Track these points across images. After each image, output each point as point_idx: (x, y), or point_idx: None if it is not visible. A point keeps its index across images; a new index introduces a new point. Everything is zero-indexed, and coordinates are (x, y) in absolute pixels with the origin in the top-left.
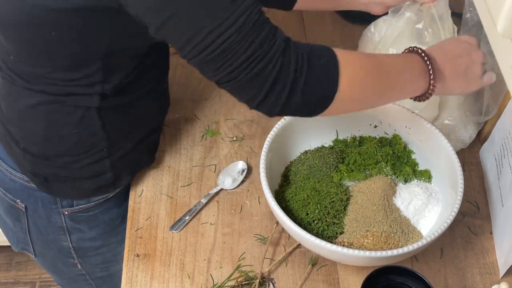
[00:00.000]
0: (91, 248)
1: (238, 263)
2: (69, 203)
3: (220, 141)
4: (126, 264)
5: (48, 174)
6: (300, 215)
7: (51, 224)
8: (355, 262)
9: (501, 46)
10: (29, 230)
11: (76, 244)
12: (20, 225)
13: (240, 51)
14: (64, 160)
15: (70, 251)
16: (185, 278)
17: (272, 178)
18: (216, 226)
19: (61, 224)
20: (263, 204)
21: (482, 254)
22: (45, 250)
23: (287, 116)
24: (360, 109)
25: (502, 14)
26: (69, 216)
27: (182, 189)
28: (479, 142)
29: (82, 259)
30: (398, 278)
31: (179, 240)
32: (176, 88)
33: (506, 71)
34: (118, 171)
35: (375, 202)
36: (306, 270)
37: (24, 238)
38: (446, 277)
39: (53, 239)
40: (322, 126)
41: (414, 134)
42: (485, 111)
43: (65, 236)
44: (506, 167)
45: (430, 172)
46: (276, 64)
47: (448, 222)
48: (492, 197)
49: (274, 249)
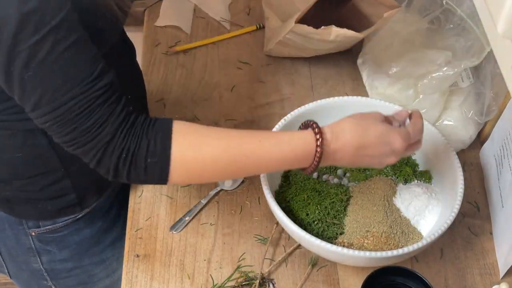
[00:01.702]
0: (64, 270)
1: (238, 263)
2: (35, 224)
3: None
4: (126, 265)
5: (9, 196)
6: (300, 216)
7: (20, 245)
8: (355, 263)
9: (501, 46)
10: (1, 251)
11: (48, 266)
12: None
13: (64, 133)
14: (20, 183)
15: (42, 273)
16: (185, 279)
17: (272, 179)
18: (216, 227)
19: (30, 245)
20: (263, 204)
21: (482, 254)
22: (19, 271)
23: (287, 117)
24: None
25: (502, 14)
26: (37, 237)
27: (182, 190)
28: (479, 142)
29: (56, 281)
30: (398, 279)
31: (179, 240)
32: (176, 89)
33: (506, 72)
34: (82, 191)
35: (375, 202)
36: (306, 271)
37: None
38: (446, 277)
39: (24, 261)
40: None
41: None
42: (486, 112)
43: (35, 258)
44: (506, 168)
45: (430, 173)
46: (95, 155)
47: (448, 222)
48: (492, 197)
49: (274, 249)
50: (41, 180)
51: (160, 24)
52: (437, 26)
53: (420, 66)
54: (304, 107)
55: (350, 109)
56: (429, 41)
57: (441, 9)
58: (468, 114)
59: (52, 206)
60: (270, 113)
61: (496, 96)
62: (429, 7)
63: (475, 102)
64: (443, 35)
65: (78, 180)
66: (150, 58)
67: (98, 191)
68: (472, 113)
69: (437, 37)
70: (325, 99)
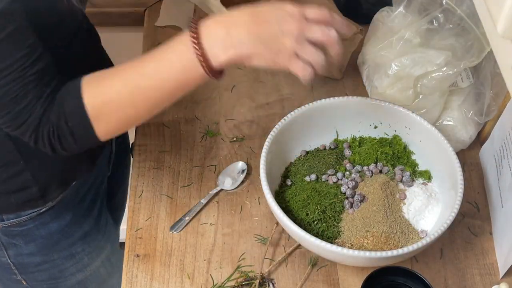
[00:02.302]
0: (32, 264)
1: (238, 263)
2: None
3: (220, 142)
4: (126, 264)
5: None
6: (300, 216)
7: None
8: (355, 263)
9: (501, 46)
10: None
11: (15, 260)
12: None
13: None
14: None
15: (10, 267)
16: (185, 279)
17: (272, 179)
18: (216, 227)
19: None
20: (263, 204)
21: (482, 254)
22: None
23: (287, 117)
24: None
25: (502, 14)
26: (2, 231)
27: (182, 190)
28: (479, 142)
29: (26, 276)
30: (398, 279)
31: (179, 240)
32: None
33: (506, 72)
34: (44, 184)
35: (375, 202)
36: (306, 271)
37: None
38: (446, 277)
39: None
40: (322, 126)
41: (414, 135)
42: (486, 112)
43: (1, 252)
44: (506, 168)
45: (430, 173)
46: (31, 136)
47: (448, 222)
48: (492, 197)
49: (274, 249)
50: (1, 173)
51: (160, 24)
52: (437, 26)
53: (420, 66)
54: (304, 107)
55: (350, 109)
56: (428, 41)
57: (441, 9)
58: (468, 114)
59: (15, 199)
60: (270, 113)
61: (496, 96)
62: (429, 7)
63: (475, 102)
64: (443, 35)
65: (39, 173)
66: None
67: (62, 184)
68: (472, 113)
69: (437, 37)
70: (325, 99)
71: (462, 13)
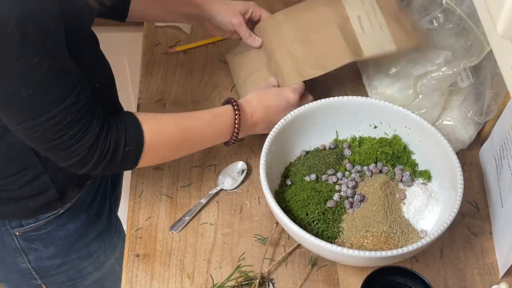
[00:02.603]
0: (52, 267)
1: (238, 263)
2: (18, 223)
3: None
4: (126, 264)
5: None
6: (300, 216)
7: (5, 246)
8: (355, 263)
9: (501, 46)
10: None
11: (35, 265)
12: None
13: (50, 139)
14: (0, 183)
15: (31, 273)
16: (185, 278)
17: (272, 179)
18: (216, 227)
19: (15, 245)
20: (263, 204)
21: (482, 254)
22: (7, 274)
23: (287, 117)
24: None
25: (502, 14)
26: (21, 237)
27: (182, 190)
28: (479, 142)
29: (46, 279)
30: (398, 279)
31: (179, 240)
32: (176, 88)
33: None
34: (62, 185)
35: (375, 202)
36: (306, 271)
37: None
38: (446, 277)
39: (12, 262)
40: (322, 126)
41: (414, 135)
42: (486, 112)
43: (22, 258)
44: (506, 168)
45: (430, 173)
46: (78, 155)
47: (448, 222)
48: (491, 197)
49: (274, 249)
50: (20, 177)
51: (160, 24)
52: (437, 26)
53: (420, 66)
54: (304, 107)
55: (350, 109)
56: (428, 41)
57: (441, 8)
58: (467, 114)
59: (34, 203)
60: None
61: (496, 96)
62: (429, 7)
63: (475, 102)
64: (443, 35)
65: (57, 174)
66: (150, 58)
67: (78, 184)
68: (471, 113)
69: (437, 37)
70: (325, 99)
71: (462, 13)
